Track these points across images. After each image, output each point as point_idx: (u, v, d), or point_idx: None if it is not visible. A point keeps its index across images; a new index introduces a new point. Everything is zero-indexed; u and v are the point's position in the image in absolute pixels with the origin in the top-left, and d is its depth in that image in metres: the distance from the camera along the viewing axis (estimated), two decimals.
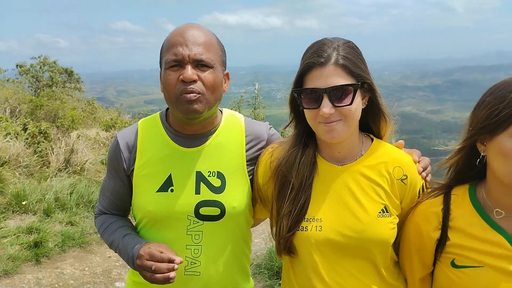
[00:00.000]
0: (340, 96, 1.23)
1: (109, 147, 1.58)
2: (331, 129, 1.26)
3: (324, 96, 1.23)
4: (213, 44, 1.41)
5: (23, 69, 17.91)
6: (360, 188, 1.34)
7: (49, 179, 6.51)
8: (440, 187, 1.31)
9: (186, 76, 1.33)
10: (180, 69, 1.35)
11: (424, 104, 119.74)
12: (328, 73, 1.23)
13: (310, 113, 1.29)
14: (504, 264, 1.14)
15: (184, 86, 1.34)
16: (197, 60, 1.35)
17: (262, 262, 4.28)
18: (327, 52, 1.24)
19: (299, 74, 1.29)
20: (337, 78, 1.23)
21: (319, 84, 1.24)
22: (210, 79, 1.36)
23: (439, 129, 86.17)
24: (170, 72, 1.36)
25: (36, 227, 4.99)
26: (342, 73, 1.23)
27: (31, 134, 7.68)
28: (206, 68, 1.36)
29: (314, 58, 1.25)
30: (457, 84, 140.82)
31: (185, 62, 1.34)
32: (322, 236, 1.31)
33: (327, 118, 1.25)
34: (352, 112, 1.26)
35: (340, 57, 1.24)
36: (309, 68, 1.26)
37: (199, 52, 1.35)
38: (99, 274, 4.38)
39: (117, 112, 17.28)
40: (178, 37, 1.37)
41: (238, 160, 1.48)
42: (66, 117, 11.52)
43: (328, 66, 1.23)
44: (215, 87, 1.38)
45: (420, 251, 1.30)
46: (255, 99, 10.64)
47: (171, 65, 1.36)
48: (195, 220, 1.42)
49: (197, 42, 1.36)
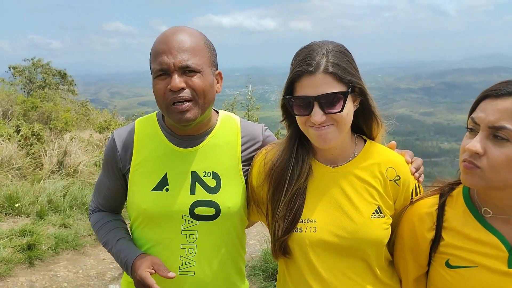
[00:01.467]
0: (331, 103, 1.23)
1: (106, 145, 1.60)
2: (323, 135, 1.26)
3: (315, 104, 1.23)
4: (199, 47, 1.38)
5: (17, 71, 17.81)
6: (354, 189, 1.35)
7: (42, 181, 6.47)
8: (443, 186, 1.32)
9: (174, 86, 1.32)
10: (168, 77, 1.34)
11: (417, 106, 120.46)
12: (317, 82, 1.22)
13: (301, 119, 1.30)
14: (497, 265, 1.15)
15: (173, 95, 1.33)
16: (183, 67, 1.33)
17: (257, 263, 4.29)
18: (316, 60, 1.23)
19: (289, 81, 1.29)
20: (327, 86, 1.22)
21: (309, 92, 1.24)
22: (199, 84, 1.35)
23: (432, 131, 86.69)
24: (158, 81, 1.36)
25: (29, 229, 4.96)
26: (332, 81, 1.23)
27: (24, 136, 7.62)
28: (194, 73, 1.35)
29: (303, 66, 1.24)
30: (450, 86, 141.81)
31: (171, 71, 1.33)
32: (316, 237, 1.32)
33: (319, 124, 1.26)
34: (343, 118, 1.26)
35: (330, 64, 1.23)
36: (298, 76, 1.25)
37: (184, 59, 1.33)
38: (93, 276, 4.35)
39: (111, 114, 17.23)
40: (162, 45, 1.35)
41: (234, 160, 1.48)
42: (59, 119, 11.46)
43: (317, 75, 1.22)
44: (205, 91, 1.37)
45: (415, 251, 1.31)
46: (249, 101, 10.66)
47: (157, 74, 1.35)
48: (190, 220, 1.43)
49: (181, 48, 1.34)
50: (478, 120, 1.13)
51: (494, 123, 1.09)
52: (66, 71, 18.79)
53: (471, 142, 1.12)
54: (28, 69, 17.80)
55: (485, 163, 1.10)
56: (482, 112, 1.13)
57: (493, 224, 1.19)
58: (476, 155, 1.11)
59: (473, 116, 1.15)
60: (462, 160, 1.16)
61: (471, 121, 1.16)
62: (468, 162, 1.13)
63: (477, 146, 1.10)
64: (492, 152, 1.10)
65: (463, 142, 1.17)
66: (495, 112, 1.10)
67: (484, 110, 1.12)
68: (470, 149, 1.11)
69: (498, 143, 1.09)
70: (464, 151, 1.16)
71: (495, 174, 1.10)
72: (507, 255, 1.15)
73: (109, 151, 1.52)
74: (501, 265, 1.15)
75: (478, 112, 1.14)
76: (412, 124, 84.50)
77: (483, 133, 1.11)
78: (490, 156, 1.10)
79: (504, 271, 1.15)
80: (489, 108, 1.11)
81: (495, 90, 1.12)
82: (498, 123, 1.08)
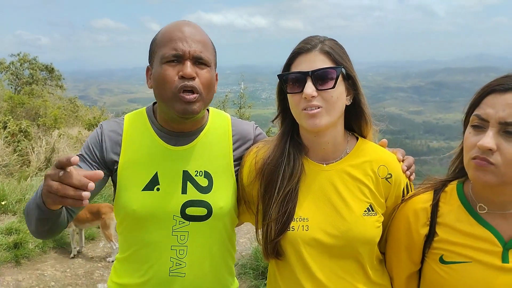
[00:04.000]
0: (323, 79, 1.27)
1: (90, 135, 1.49)
2: (313, 115, 1.27)
3: (308, 79, 1.27)
4: (209, 43, 1.40)
5: (3, 66, 17.54)
6: (346, 187, 1.34)
7: (29, 179, 6.39)
8: (436, 183, 1.32)
9: (187, 72, 1.30)
10: (178, 64, 1.32)
11: (406, 105, 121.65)
12: (313, 58, 1.28)
13: (294, 99, 1.31)
14: (491, 259, 1.16)
15: (183, 83, 1.31)
16: (197, 57, 1.32)
17: (247, 262, 4.28)
18: (313, 41, 1.31)
19: (287, 63, 1.34)
20: (321, 63, 1.28)
21: (304, 67, 1.28)
22: (208, 77, 1.35)
23: (421, 130, 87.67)
24: (167, 67, 1.32)
25: (16, 227, 4.89)
26: (326, 59, 1.29)
27: (11, 133, 7.52)
28: (204, 66, 1.35)
29: (301, 45, 1.32)
30: (439, 85, 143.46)
31: (184, 58, 1.31)
32: (308, 236, 1.31)
33: (309, 102, 1.26)
34: (334, 99, 1.28)
35: (326, 46, 1.30)
36: (295, 55, 1.32)
37: (199, 49, 1.33)
38: (81, 275, 4.31)
39: (100, 111, 17.08)
40: (177, 32, 1.34)
41: (225, 159, 1.46)
42: (48, 116, 11.33)
43: (313, 52, 1.29)
44: (210, 86, 1.37)
45: (409, 248, 1.30)
46: (241, 99, 10.65)
47: (169, 59, 1.32)
48: (181, 221, 1.39)
49: (196, 39, 1.34)
50: (487, 116, 1.11)
51: (506, 118, 1.08)
52: (53, 66, 18.55)
53: (484, 139, 1.10)
54: (14, 64, 17.55)
55: (499, 159, 1.09)
56: (490, 107, 1.11)
57: (488, 219, 1.19)
58: (489, 151, 1.09)
59: (479, 113, 1.13)
60: (471, 158, 1.14)
61: (476, 118, 1.14)
62: (481, 159, 1.11)
63: (491, 143, 1.08)
64: (505, 148, 1.08)
65: (469, 139, 1.16)
66: (505, 107, 1.08)
67: (492, 105, 1.11)
68: (484, 146, 1.09)
69: (510, 138, 1.08)
70: (471, 148, 1.14)
71: (510, 169, 1.09)
72: (501, 250, 1.16)
73: (95, 140, 1.44)
74: (496, 260, 1.15)
75: (485, 108, 1.12)
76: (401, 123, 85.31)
77: (494, 129, 1.10)
78: (504, 152, 1.08)
79: (498, 266, 1.15)
80: (498, 103, 1.10)
81: (501, 85, 1.11)
82: (510, 118, 1.07)
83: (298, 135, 1.40)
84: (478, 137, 1.12)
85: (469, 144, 1.15)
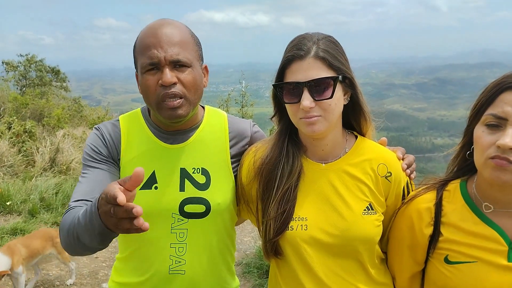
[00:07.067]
0: (320, 89, 1.24)
1: (88, 138, 1.47)
2: (312, 122, 1.26)
3: (304, 89, 1.24)
4: (188, 40, 1.35)
5: (10, 66, 17.63)
6: (345, 186, 1.34)
7: (34, 179, 6.42)
8: (435, 183, 1.31)
9: (166, 81, 1.28)
10: (158, 72, 1.30)
11: (410, 101, 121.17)
12: (307, 66, 1.23)
13: (291, 108, 1.29)
14: (497, 259, 1.15)
15: (164, 91, 1.30)
16: (174, 61, 1.29)
17: (251, 261, 4.28)
18: (307, 46, 1.25)
19: (280, 68, 1.30)
20: (316, 71, 1.23)
21: (299, 77, 1.24)
22: (190, 79, 1.33)
23: (425, 127, 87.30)
24: (147, 77, 1.32)
25: (21, 227, 4.92)
26: (322, 66, 1.24)
27: (16, 133, 7.56)
28: (185, 68, 1.31)
29: (294, 51, 1.26)
30: (442, 82, 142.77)
31: (161, 65, 1.29)
32: (307, 235, 1.30)
33: (308, 112, 1.24)
34: (332, 107, 1.26)
35: (320, 50, 1.24)
36: (289, 61, 1.26)
37: (175, 53, 1.29)
38: (86, 275, 4.33)
39: (104, 111, 17.12)
40: (150, 38, 1.30)
41: (222, 156, 1.46)
42: (52, 116, 11.38)
43: (307, 59, 1.24)
44: (196, 87, 1.35)
45: (412, 248, 1.29)
46: (243, 97, 10.63)
47: (147, 69, 1.31)
48: (180, 218, 1.40)
49: (171, 41, 1.30)
50: (505, 114, 1.09)
51: None
52: (59, 68, 18.64)
53: (504, 137, 1.07)
54: (23, 64, 17.64)
55: None
56: (509, 105, 1.09)
57: (493, 218, 1.18)
58: (510, 151, 1.07)
59: (495, 112, 1.11)
60: (488, 157, 1.12)
61: (491, 117, 1.12)
62: (501, 159, 1.09)
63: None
64: None
65: (483, 138, 1.13)
66: None
67: (511, 103, 1.09)
68: (508, 145, 1.06)
69: None
70: (488, 147, 1.11)
71: None
72: (507, 249, 1.15)
73: (98, 140, 1.43)
74: (501, 259, 1.14)
75: (503, 106, 1.10)
76: (406, 120, 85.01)
77: None
78: None
79: (504, 265, 1.14)
80: None
81: None
82: None
83: (297, 135, 1.39)
84: (494, 136, 1.10)
85: (485, 144, 1.12)
